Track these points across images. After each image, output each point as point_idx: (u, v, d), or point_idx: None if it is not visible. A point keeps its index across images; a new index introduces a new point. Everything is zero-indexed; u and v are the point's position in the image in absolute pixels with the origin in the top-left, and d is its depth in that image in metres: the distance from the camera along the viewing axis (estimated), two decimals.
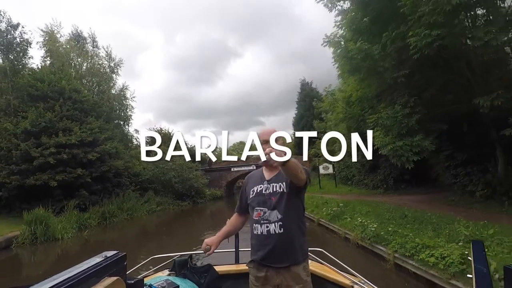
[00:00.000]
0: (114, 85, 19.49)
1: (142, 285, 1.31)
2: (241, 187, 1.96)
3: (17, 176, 13.08)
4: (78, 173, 13.98)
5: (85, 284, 0.90)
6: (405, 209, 7.82)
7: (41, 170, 13.39)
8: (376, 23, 7.96)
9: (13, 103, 14.54)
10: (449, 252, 4.39)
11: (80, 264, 0.98)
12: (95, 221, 13.79)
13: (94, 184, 14.97)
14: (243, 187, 1.92)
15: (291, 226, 1.64)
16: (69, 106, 15.06)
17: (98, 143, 14.99)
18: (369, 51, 7.31)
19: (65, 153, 13.71)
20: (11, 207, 13.64)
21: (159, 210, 18.07)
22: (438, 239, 5.04)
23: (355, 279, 2.10)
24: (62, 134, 13.89)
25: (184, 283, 2.01)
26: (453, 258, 4.20)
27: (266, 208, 1.67)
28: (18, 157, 13.24)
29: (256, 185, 1.76)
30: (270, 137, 1.40)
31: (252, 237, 1.73)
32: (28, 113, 13.97)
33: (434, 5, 5.74)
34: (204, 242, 1.79)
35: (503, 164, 8.09)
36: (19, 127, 13.58)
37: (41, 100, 14.71)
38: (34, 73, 15.52)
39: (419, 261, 4.74)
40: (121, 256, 1.12)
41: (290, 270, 1.62)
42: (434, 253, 4.57)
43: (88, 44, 19.40)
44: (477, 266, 1.22)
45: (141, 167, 19.01)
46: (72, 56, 17.99)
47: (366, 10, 8.20)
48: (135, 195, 17.32)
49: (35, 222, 10.80)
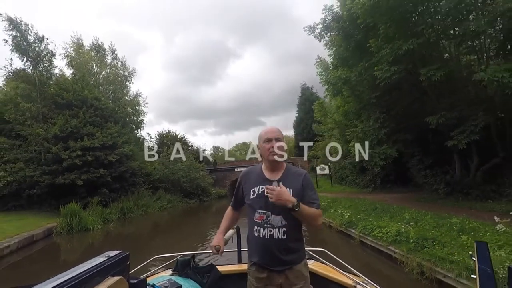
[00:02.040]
0: (128, 92, 21.81)
1: (145, 284, 1.33)
2: (237, 183, 1.93)
3: (48, 175, 15.33)
4: (100, 173, 16.22)
5: (89, 283, 0.92)
6: (378, 203, 9.99)
7: (69, 170, 15.63)
8: (355, 54, 10.12)
9: (42, 111, 16.76)
10: (391, 229, 6.57)
11: (83, 264, 1.00)
12: (115, 216, 16.03)
13: (114, 183, 17.20)
14: (239, 184, 1.90)
15: (294, 231, 1.67)
16: (91, 113, 17.31)
17: (117, 146, 17.23)
18: (348, 78, 9.47)
19: (89, 155, 15.95)
20: (42, 203, 15.91)
21: (170, 207, 20.31)
22: (389, 222, 7.21)
23: (357, 279, 2.14)
24: (86, 138, 16.13)
25: (187, 283, 2.05)
26: (392, 233, 6.39)
27: (269, 212, 1.66)
28: (49, 159, 15.51)
29: (257, 185, 1.74)
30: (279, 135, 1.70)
31: (252, 238, 1.73)
32: (57, 120, 16.21)
33: (391, 49, 7.89)
34: (213, 244, 1.78)
35: (459, 167, 10.25)
36: (49, 133, 15.82)
37: (66, 108, 16.97)
38: (60, 83, 17.75)
39: (373, 236, 6.94)
40: (124, 256, 1.14)
41: (292, 269, 1.66)
42: (382, 230, 6.77)
43: (108, 56, 21.70)
44: (481, 266, 1.22)
45: (152, 167, 21.24)
46: (92, 66, 20.25)
47: (348, 41, 10.35)
48: (148, 193, 19.57)
49: (70, 215, 13.05)
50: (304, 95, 33.00)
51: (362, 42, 9.83)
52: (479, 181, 9.67)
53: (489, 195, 9.25)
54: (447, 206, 9.29)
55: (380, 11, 8.00)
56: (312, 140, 26.22)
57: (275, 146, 1.70)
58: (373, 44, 8.57)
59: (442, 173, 10.85)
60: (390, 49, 8.06)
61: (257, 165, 1.87)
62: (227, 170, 28.28)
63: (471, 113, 8.01)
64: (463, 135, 8.00)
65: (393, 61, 8.22)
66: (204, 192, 23.55)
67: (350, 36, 10.14)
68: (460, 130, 8.10)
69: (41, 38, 17.57)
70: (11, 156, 15.46)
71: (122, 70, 21.74)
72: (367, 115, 10.06)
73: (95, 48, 21.99)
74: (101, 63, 20.49)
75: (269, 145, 1.72)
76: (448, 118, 8.15)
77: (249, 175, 1.85)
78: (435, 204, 10.18)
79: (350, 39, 10.22)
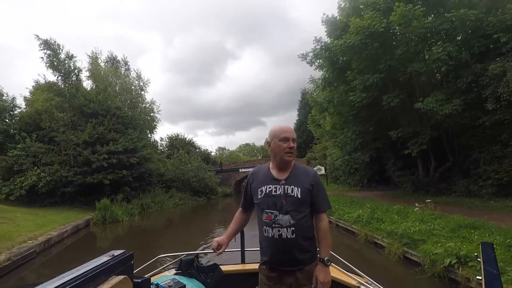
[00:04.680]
0: (143, 100, 25.00)
1: (149, 284, 1.38)
2: (246, 183, 1.98)
3: (80, 176, 18.47)
4: (123, 173, 19.36)
5: (93, 282, 0.95)
6: (356, 198, 13.01)
7: (97, 171, 18.77)
8: (338, 78, 13.12)
9: (72, 119, 19.91)
10: (355, 214, 9.61)
11: (88, 263, 1.04)
12: (137, 211, 19.16)
13: (134, 182, 20.35)
14: (247, 183, 1.95)
15: (303, 230, 1.72)
16: (114, 121, 20.45)
17: (137, 150, 20.37)
18: (331, 99, 12.50)
19: (114, 158, 19.07)
20: (73, 200, 19.08)
21: (181, 204, 23.49)
22: (356, 210, 10.23)
23: (361, 279, 2.22)
24: (111, 143, 19.26)
25: (191, 282, 2.14)
26: (354, 216, 9.42)
27: (277, 212, 1.71)
28: (81, 162, 18.65)
29: (264, 185, 1.79)
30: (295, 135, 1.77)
31: (262, 239, 1.79)
32: (85, 127, 19.36)
33: (361, 80, 10.90)
34: (215, 242, 1.87)
35: (422, 169, 13.26)
36: (80, 139, 18.95)
37: (92, 117, 20.12)
38: (86, 94, 20.91)
39: (343, 220, 10.00)
40: (128, 255, 1.17)
41: (303, 270, 1.73)
42: (349, 215, 9.82)
43: (122, 68, 24.89)
44: (486, 267, 1.23)
45: (165, 168, 24.37)
46: (109, 77, 23.41)
47: (332, 67, 13.34)
48: (162, 192, 22.71)
49: (103, 209, 16.19)
50: (304, 99, 35.90)
51: (343, 69, 12.85)
52: (436, 180, 12.68)
53: (442, 191, 12.24)
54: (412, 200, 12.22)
55: (353, 51, 11.01)
56: (311, 143, 29.27)
57: (292, 147, 1.77)
58: (350, 74, 11.58)
59: (410, 174, 13.87)
60: (360, 80, 11.08)
61: (264, 164, 1.92)
62: (232, 170, 31.41)
63: (421, 129, 11.02)
64: (415, 145, 11.01)
65: (363, 89, 11.24)
66: (211, 191, 26.70)
67: (334, 63, 13.14)
68: (413, 141, 11.12)
69: (71, 56, 20.71)
70: (48, 159, 18.61)
71: (137, 80, 24.95)
72: (347, 128, 13.08)
73: (111, 61, 25.19)
74: (116, 75, 23.65)
75: (286, 144, 1.77)
76: (405, 133, 11.17)
77: (257, 175, 1.90)
78: (403, 198, 13.16)
79: (334, 66, 13.22)
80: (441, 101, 9.52)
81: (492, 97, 8.56)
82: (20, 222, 12.56)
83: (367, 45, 10.44)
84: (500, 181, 9.48)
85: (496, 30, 8.83)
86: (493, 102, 8.53)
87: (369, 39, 10.34)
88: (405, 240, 6.46)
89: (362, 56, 10.84)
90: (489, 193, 9.78)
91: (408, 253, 6.23)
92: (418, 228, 6.80)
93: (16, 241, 9.57)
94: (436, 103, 9.41)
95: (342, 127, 13.66)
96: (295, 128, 37.05)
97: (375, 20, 10.21)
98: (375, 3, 11.02)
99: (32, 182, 17.35)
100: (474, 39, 9.60)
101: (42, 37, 19.11)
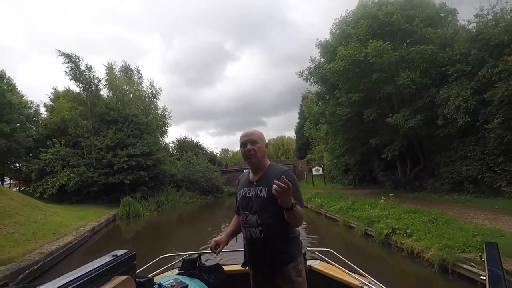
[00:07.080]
0: (156, 107, 28.06)
1: (151, 284, 1.41)
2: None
3: (103, 176, 21.52)
4: (140, 174, 22.41)
5: (96, 282, 0.98)
6: (344, 195, 15.94)
7: (118, 172, 21.81)
8: (330, 92, 16.04)
9: (94, 126, 22.97)
10: (338, 206, 12.57)
11: (90, 263, 1.07)
12: (153, 207, 22.19)
13: (150, 182, 23.41)
14: (236, 188, 2.10)
15: (272, 231, 1.76)
16: (132, 127, 23.51)
17: (153, 153, 23.41)
18: (323, 112, 15.45)
19: (133, 161, 22.11)
20: (96, 198, 22.16)
21: (191, 202, 26.56)
22: (340, 203, 13.16)
23: (364, 279, 2.28)
24: (130, 147, 22.30)
25: (193, 282, 2.20)
26: (338, 207, 12.40)
27: (248, 212, 1.84)
28: (104, 164, 21.71)
29: (243, 188, 1.96)
30: (253, 137, 1.88)
31: (244, 239, 1.94)
32: (107, 133, 22.41)
33: (346, 98, 13.83)
34: (213, 241, 1.96)
35: (400, 170, 16.20)
36: (103, 143, 22.00)
37: (112, 123, 23.17)
38: (106, 103, 23.96)
39: (330, 211, 12.98)
40: (131, 255, 1.20)
41: (279, 271, 1.77)
42: (335, 207, 12.78)
43: (135, 76, 27.97)
44: (491, 268, 1.26)
45: (175, 169, 27.40)
46: (124, 86, 26.45)
47: (325, 83, 16.26)
48: (173, 191, 25.75)
49: (127, 205, 19.24)
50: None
51: (333, 86, 15.78)
52: (411, 180, 15.61)
53: (416, 188, 15.17)
54: (386, 195, 15.18)
55: (339, 74, 13.93)
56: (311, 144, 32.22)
57: (249, 149, 1.87)
58: (338, 92, 14.53)
59: (391, 174, 16.81)
60: (345, 97, 14.02)
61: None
62: (236, 171, 34.44)
63: (395, 138, 13.95)
64: (389, 151, 13.96)
65: (348, 105, 14.18)
66: (218, 190, 29.75)
67: (326, 81, 16.06)
68: (388, 148, 14.06)
69: (90, 67, 23.73)
70: (75, 162, 21.68)
71: (150, 88, 28.02)
72: (336, 136, 16.02)
73: (124, 70, 28.26)
74: (130, 83, 26.68)
75: (244, 149, 1.89)
76: (382, 140, 14.12)
77: (241, 179, 2.06)
78: (385, 194, 16.06)
79: (326, 82, 16.14)
80: (407, 117, 12.46)
81: (442, 115, 11.48)
82: (63, 215, 15.64)
83: (350, 70, 13.38)
84: (453, 179, 12.41)
85: (446, 63, 11.75)
86: (442, 119, 11.46)
87: (352, 65, 13.28)
88: (366, 221, 9.42)
89: (347, 78, 13.77)
90: (445, 190, 12.73)
91: (368, 230, 9.18)
92: (378, 213, 9.75)
93: (72, 228, 12.64)
94: (402, 118, 12.35)
95: (333, 135, 16.55)
96: (295, 131, 40.03)
97: (356, 50, 13.14)
98: (357, 34, 13.95)
99: (63, 182, 20.44)
100: (432, 68, 12.51)
101: (64, 51, 22.09)
